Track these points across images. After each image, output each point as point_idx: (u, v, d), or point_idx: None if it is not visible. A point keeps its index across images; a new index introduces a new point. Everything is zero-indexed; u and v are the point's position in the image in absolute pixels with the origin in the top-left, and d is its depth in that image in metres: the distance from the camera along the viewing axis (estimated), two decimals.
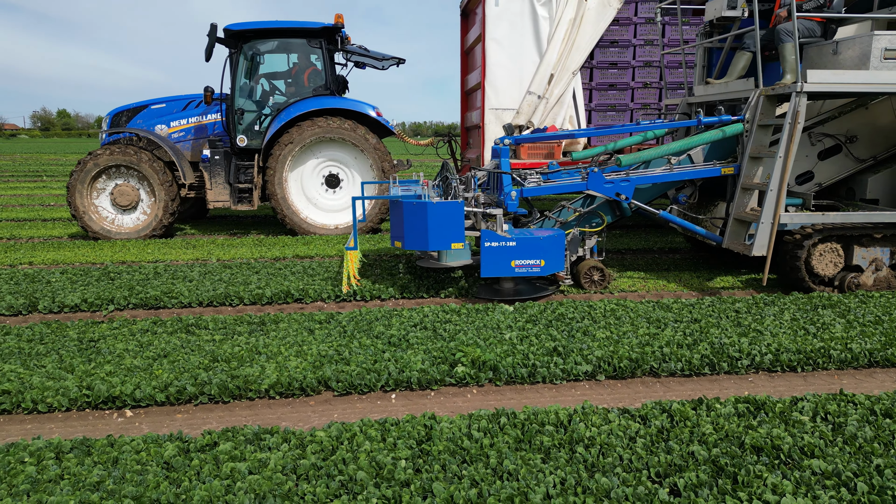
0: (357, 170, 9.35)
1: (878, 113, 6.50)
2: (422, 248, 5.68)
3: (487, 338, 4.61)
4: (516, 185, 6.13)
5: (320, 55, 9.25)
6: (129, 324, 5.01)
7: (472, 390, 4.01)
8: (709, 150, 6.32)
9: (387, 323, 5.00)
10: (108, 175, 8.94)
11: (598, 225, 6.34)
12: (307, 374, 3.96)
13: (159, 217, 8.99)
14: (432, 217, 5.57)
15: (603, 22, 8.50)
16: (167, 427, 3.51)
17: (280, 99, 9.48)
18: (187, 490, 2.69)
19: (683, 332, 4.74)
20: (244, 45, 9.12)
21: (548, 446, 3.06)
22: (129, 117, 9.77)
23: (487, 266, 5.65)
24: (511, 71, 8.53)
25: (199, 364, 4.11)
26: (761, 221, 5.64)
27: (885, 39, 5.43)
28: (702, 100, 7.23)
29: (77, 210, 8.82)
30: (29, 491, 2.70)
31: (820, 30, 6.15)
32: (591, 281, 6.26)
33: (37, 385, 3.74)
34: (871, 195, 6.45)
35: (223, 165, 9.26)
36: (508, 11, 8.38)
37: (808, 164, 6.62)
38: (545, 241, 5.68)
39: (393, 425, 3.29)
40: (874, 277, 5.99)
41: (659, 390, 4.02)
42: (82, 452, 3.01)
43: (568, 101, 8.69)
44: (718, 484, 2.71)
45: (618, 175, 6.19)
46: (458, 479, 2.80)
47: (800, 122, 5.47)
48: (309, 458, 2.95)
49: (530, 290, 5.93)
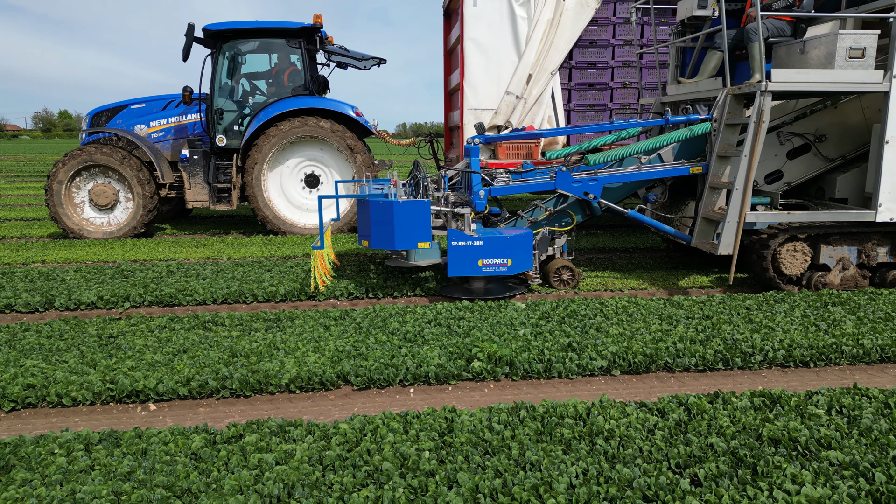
0: (336, 169, 9.36)
1: (848, 112, 6.48)
2: (388, 248, 5.70)
3: (502, 334, 4.66)
4: (486, 185, 6.14)
5: (300, 55, 9.26)
6: (146, 320, 5.06)
7: (489, 385, 4.06)
8: (679, 150, 6.33)
9: (401, 319, 5.05)
10: (86, 175, 8.96)
11: (567, 224, 6.36)
12: (326, 368, 4.01)
13: (138, 217, 9.00)
14: (398, 216, 5.58)
15: (581, 22, 8.53)
16: (190, 420, 3.56)
17: (259, 99, 9.49)
18: (217, 480, 2.74)
19: (696, 329, 4.78)
20: (223, 45, 9.13)
21: (568, 438, 3.11)
22: (109, 117, 9.79)
23: (454, 265, 5.65)
24: (489, 71, 8.54)
25: (218, 359, 4.17)
26: (727, 220, 5.65)
27: (849, 39, 5.42)
28: (674, 99, 7.26)
29: (55, 209, 8.83)
30: (61, 481, 2.75)
31: (790, 29, 6.14)
32: (560, 280, 6.26)
33: (61, 380, 3.80)
34: (839, 194, 6.43)
35: (202, 165, 9.25)
36: (487, 11, 8.39)
37: (777, 163, 6.60)
38: (512, 240, 5.69)
39: (414, 418, 3.33)
40: (841, 276, 5.98)
41: (673, 385, 4.06)
42: (111, 444, 3.07)
43: (546, 102, 8.71)
44: (738, 474, 2.76)
45: (586, 174, 6.20)
46: (481, 469, 2.85)
47: (764, 122, 5.48)
48: (334, 449, 3.00)
49: (501, 290, 5.95)
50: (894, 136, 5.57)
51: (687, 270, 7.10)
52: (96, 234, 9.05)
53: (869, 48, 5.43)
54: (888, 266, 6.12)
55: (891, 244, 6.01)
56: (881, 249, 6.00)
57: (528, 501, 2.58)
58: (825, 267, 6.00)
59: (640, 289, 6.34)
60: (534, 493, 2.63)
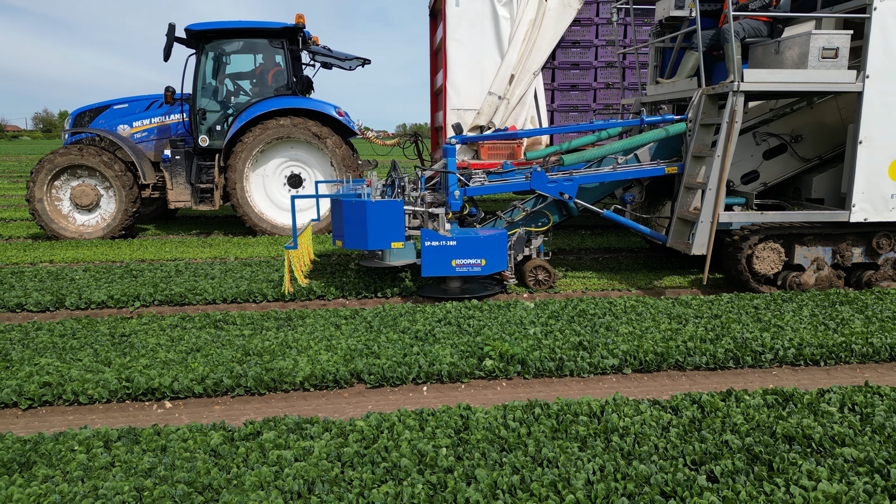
0: (319, 170, 9.33)
1: (824, 112, 6.45)
2: (361, 248, 5.69)
3: (512, 333, 4.68)
4: (462, 185, 6.13)
5: (283, 55, 9.25)
6: (157, 319, 5.08)
7: (502, 383, 4.08)
8: (655, 150, 6.33)
9: (411, 318, 5.07)
10: (69, 175, 8.94)
11: (543, 225, 6.35)
12: (339, 367, 4.04)
13: (119, 217, 8.99)
14: (371, 216, 5.57)
15: (563, 22, 8.52)
16: (206, 418, 3.58)
17: (242, 99, 9.45)
18: (237, 476, 2.76)
19: (705, 328, 4.80)
20: (206, 46, 9.12)
21: (583, 435, 3.13)
22: (92, 117, 9.75)
23: (428, 265, 5.65)
24: (472, 71, 8.52)
25: (232, 358, 4.19)
26: (700, 220, 5.64)
27: (822, 39, 5.42)
28: (653, 99, 7.26)
29: (36, 209, 8.81)
30: (82, 477, 2.78)
31: (766, 29, 6.13)
32: (535, 280, 6.24)
33: (76, 378, 3.82)
34: (815, 195, 6.41)
35: (184, 165, 9.21)
36: (469, 12, 8.38)
37: (753, 163, 6.57)
38: (486, 240, 5.68)
39: (430, 415, 3.36)
40: (816, 276, 5.97)
41: (685, 383, 4.09)
42: (130, 441, 3.09)
43: (529, 102, 8.69)
44: (754, 471, 2.78)
45: (562, 174, 6.19)
46: (499, 466, 2.87)
47: (737, 122, 5.48)
48: (351, 446, 3.03)
49: (478, 290, 5.95)
50: (867, 137, 5.56)
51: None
52: (77, 234, 9.01)
53: (842, 48, 5.43)
54: (864, 266, 6.09)
55: (866, 244, 5.99)
56: (856, 250, 5.98)
57: (546, 497, 2.60)
58: (800, 267, 5.98)
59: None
60: (552, 489, 2.65)
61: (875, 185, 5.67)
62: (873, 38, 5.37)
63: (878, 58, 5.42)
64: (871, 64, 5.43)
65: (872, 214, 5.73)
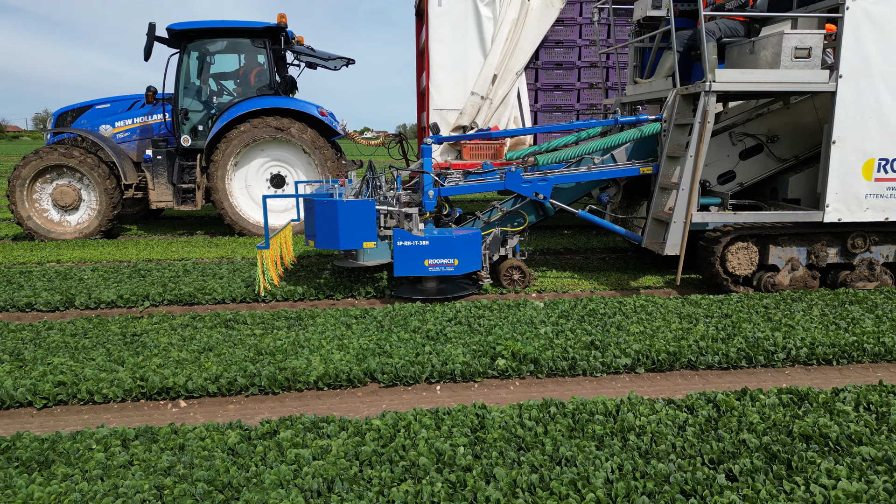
0: (302, 169, 9.30)
1: (800, 112, 6.41)
2: (333, 247, 5.67)
3: (524, 332, 4.68)
4: (437, 185, 6.10)
5: (265, 55, 9.21)
6: (168, 319, 5.09)
7: (515, 382, 4.08)
8: (632, 150, 6.31)
9: (421, 318, 5.07)
10: (50, 175, 8.92)
11: (519, 225, 6.33)
12: (352, 366, 4.04)
13: (101, 218, 8.97)
14: (342, 216, 5.53)
15: (546, 22, 8.50)
16: (221, 417, 3.58)
17: (224, 99, 9.42)
18: (256, 474, 2.77)
19: (716, 327, 4.80)
20: (188, 45, 9.09)
21: (600, 434, 3.13)
22: (74, 117, 9.72)
23: (401, 265, 5.62)
24: (455, 71, 8.50)
25: (244, 357, 4.19)
26: (673, 221, 5.62)
27: (795, 38, 5.39)
28: (632, 99, 7.24)
29: (17, 210, 8.81)
30: (102, 476, 2.78)
31: (743, 29, 6.10)
32: (510, 280, 6.21)
33: (91, 377, 3.82)
34: (792, 195, 6.38)
35: (165, 165, 9.18)
36: (452, 12, 8.36)
37: (729, 163, 6.53)
38: (459, 240, 5.65)
39: (446, 414, 3.36)
40: (790, 277, 5.93)
41: (698, 382, 4.09)
42: (148, 439, 3.09)
43: (512, 102, 8.68)
44: (773, 469, 2.78)
45: (539, 174, 6.16)
46: (517, 464, 2.87)
47: (709, 122, 5.46)
48: (369, 444, 3.03)
49: (453, 290, 5.93)
50: (841, 137, 5.54)
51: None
52: (59, 234, 8.99)
53: (815, 48, 5.40)
54: (839, 267, 6.06)
55: (841, 245, 5.96)
56: (831, 250, 5.95)
57: (567, 496, 2.61)
58: (774, 268, 5.95)
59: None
60: (572, 487, 2.66)
61: (849, 185, 5.64)
62: (846, 37, 5.33)
63: (850, 57, 5.38)
64: (844, 63, 5.39)
65: (846, 215, 5.70)
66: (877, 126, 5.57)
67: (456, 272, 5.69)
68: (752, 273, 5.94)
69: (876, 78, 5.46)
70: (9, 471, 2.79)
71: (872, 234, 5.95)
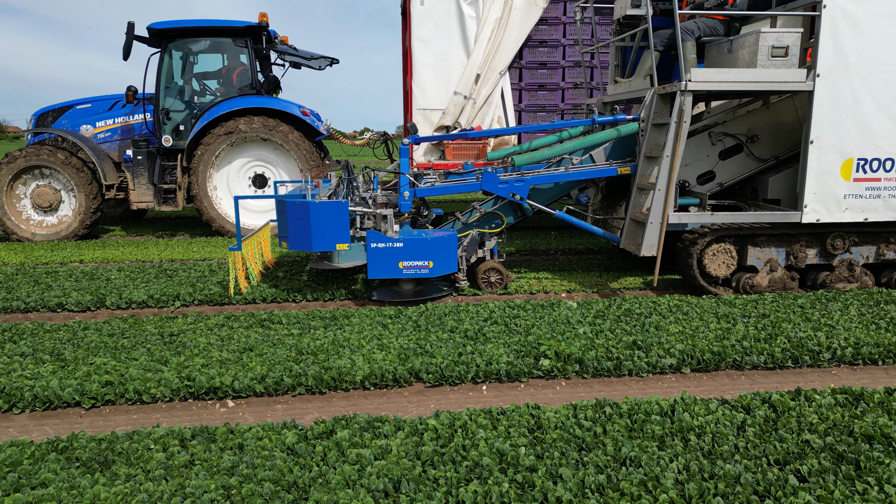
0: (284, 170, 9.20)
1: (780, 112, 6.32)
2: (305, 249, 5.55)
3: (562, 332, 4.65)
4: (413, 186, 6.01)
5: (247, 54, 9.13)
6: (203, 319, 5.06)
7: (561, 383, 4.05)
8: (610, 150, 6.21)
9: (457, 318, 5.05)
10: (28, 176, 8.84)
11: (497, 226, 6.21)
12: (396, 366, 4.01)
13: (80, 218, 8.89)
14: (315, 217, 5.41)
15: (529, 21, 8.42)
16: (270, 416, 3.56)
17: (206, 99, 9.32)
18: (321, 474, 2.74)
19: (755, 327, 4.78)
20: (169, 45, 9.01)
21: (660, 434, 3.10)
22: (55, 117, 9.63)
23: (374, 267, 5.51)
24: (438, 71, 8.41)
25: (287, 357, 4.17)
26: (650, 221, 5.55)
27: (771, 37, 5.32)
28: (612, 99, 7.15)
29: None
30: (165, 476, 2.75)
31: (723, 28, 6.03)
32: (487, 282, 6.11)
33: (137, 377, 3.80)
34: (772, 195, 6.26)
35: (146, 166, 9.08)
36: (434, 11, 8.27)
37: (709, 163, 6.43)
38: (433, 241, 5.54)
39: (500, 414, 3.33)
40: (769, 278, 5.85)
41: (745, 382, 4.06)
42: (205, 439, 3.07)
43: (496, 102, 8.59)
44: (842, 470, 2.75)
45: (518, 175, 6.07)
46: (581, 465, 2.84)
47: (685, 122, 5.38)
48: (428, 444, 3.00)
49: (431, 291, 5.85)
50: (818, 137, 5.46)
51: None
52: (38, 236, 8.92)
53: (792, 46, 5.34)
54: (819, 268, 5.99)
55: (820, 246, 5.88)
56: (810, 251, 5.87)
57: (638, 496, 2.58)
58: (753, 269, 5.88)
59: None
60: (642, 488, 2.63)
61: (827, 185, 5.56)
62: (823, 36, 5.26)
63: (828, 56, 5.31)
64: (821, 62, 5.31)
65: (825, 215, 5.63)
66: (855, 126, 5.48)
67: (431, 274, 5.57)
68: (730, 274, 5.86)
69: (854, 77, 5.37)
70: (70, 471, 2.77)
71: (852, 235, 5.86)
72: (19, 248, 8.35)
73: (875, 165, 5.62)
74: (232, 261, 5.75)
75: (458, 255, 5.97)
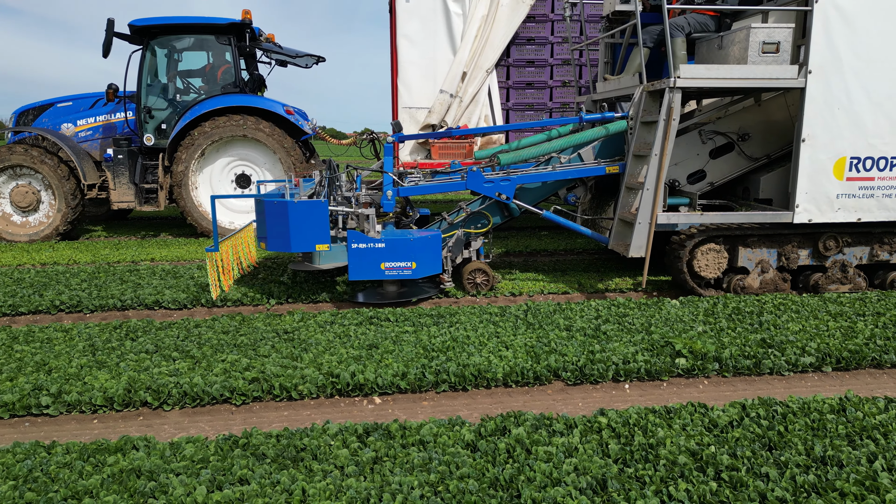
0: (269, 169, 9.03)
1: (772, 110, 6.17)
2: (284, 250, 5.36)
3: (682, 330, 4.58)
4: (396, 185, 5.89)
5: (230, 52, 8.97)
6: (311, 316, 5.01)
7: (703, 381, 3.98)
8: (599, 149, 6.06)
9: (566, 316, 4.98)
10: (7, 176, 8.70)
11: (483, 226, 6.05)
12: (532, 363, 3.95)
13: (59, 218, 8.74)
14: (293, 217, 5.22)
15: (516, 19, 8.31)
16: (420, 413, 3.50)
17: (188, 97, 9.12)
18: (520, 471, 2.67)
19: (875, 325, 4.69)
20: (151, 42, 8.83)
21: (843, 433, 3.03)
22: (36, 116, 9.48)
23: (355, 268, 5.33)
24: (424, 69, 8.28)
25: (416, 354, 4.11)
26: (638, 222, 5.41)
27: (762, 33, 5.18)
28: (601, 97, 6.99)
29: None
30: (359, 472, 2.69)
31: (714, 24, 5.91)
32: (473, 283, 5.95)
33: (279, 374, 3.75)
34: (763, 195, 6.10)
35: (127, 165, 8.89)
36: (420, 8, 8.17)
37: (699, 162, 6.27)
38: (416, 242, 5.39)
39: (671, 413, 3.26)
40: (760, 279, 5.71)
41: (888, 381, 3.98)
42: (382, 435, 3.01)
43: (483, 100, 8.46)
44: None
45: (504, 174, 5.93)
46: (778, 464, 2.77)
47: (674, 119, 5.24)
48: (611, 442, 2.93)
49: (415, 293, 5.72)
50: (810, 135, 5.31)
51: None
52: (18, 236, 8.77)
53: (783, 42, 5.21)
54: (811, 269, 5.85)
55: (812, 246, 5.74)
56: (802, 252, 5.73)
57: (861, 497, 2.50)
58: (744, 270, 5.75)
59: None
60: (861, 487, 2.55)
61: (819, 184, 5.42)
62: (815, 32, 5.12)
63: (820, 52, 5.16)
64: (813, 59, 5.17)
65: (817, 215, 5.48)
66: (848, 123, 5.33)
67: (414, 275, 5.41)
68: (721, 275, 5.74)
69: (847, 74, 5.23)
70: (264, 467, 2.71)
71: (845, 236, 5.72)
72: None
73: (868, 164, 5.47)
74: (210, 262, 5.54)
75: (443, 256, 5.80)
